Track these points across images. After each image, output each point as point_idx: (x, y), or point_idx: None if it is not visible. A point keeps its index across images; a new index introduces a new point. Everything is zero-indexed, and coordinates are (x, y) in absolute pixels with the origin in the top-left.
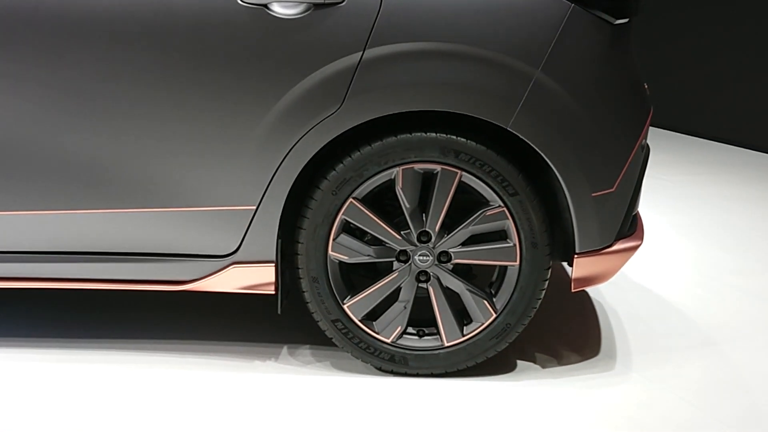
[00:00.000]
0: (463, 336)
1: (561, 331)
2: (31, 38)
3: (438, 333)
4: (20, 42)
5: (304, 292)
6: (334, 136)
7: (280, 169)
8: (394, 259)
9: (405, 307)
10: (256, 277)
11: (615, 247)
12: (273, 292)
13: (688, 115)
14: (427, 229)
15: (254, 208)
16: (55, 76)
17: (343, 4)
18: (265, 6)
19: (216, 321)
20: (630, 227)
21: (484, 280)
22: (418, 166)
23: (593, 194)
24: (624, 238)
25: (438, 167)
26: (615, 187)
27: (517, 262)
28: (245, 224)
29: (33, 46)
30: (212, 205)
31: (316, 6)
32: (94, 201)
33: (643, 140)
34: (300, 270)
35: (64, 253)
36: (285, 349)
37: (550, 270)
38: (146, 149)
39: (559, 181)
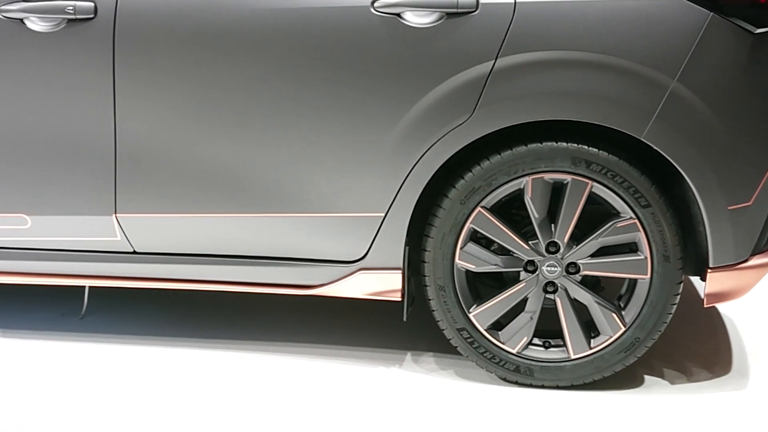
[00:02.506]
0: (591, 349)
1: (690, 346)
2: (171, 49)
3: (564, 345)
4: (162, 53)
5: (430, 299)
6: (463, 145)
7: (409, 177)
8: (521, 269)
9: (531, 318)
10: (382, 283)
11: (750, 263)
12: (399, 299)
13: None
14: (555, 240)
15: (383, 215)
16: (194, 85)
17: (476, 12)
18: (398, 15)
19: (342, 326)
20: (766, 242)
21: (612, 293)
22: (548, 176)
23: (729, 207)
24: (760, 253)
25: (568, 177)
26: (752, 200)
27: (648, 276)
28: (374, 231)
29: (173, 57)
30: (342, 211)
31: (449, 15)
32: (229, 205)
33: None
34: (426, 278)
35: (200, 256)
36: (409, 356)
37: (681, 284)
38: (279, 156)
39: (693, 193)
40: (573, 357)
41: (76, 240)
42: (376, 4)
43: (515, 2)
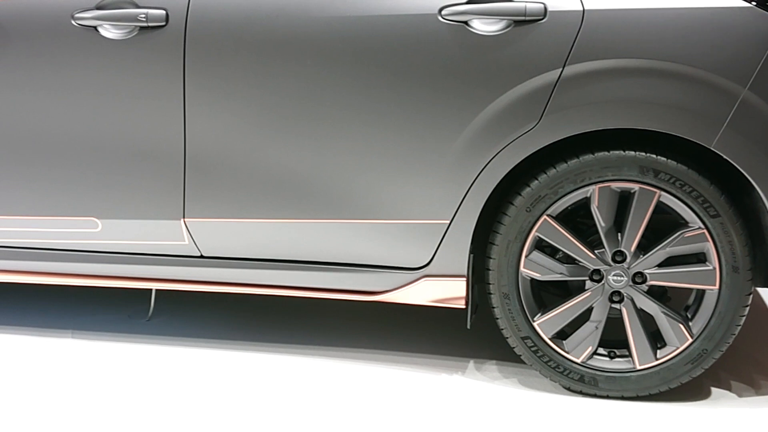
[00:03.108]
0: (657, 360)
1: (759, 359)
2: (240, 56)
3: (630, 355)
4: (231, 60)
5: (494, 307)
6: (529, 153)
7: (474, 184)
8: (587, 278)
9: (597, 327)
10: (446, 290)
11: None
12: (463, 306)
13: None
14: (622, 249)
15: (448, 222)
16: (262, 92)
17: (544, 20)
18: (466, 23)
19: (405, 333)
20: None
21: (679, 303)
22: (615, 185)
23: None
24: None
25: (636, 186)
26: None
27: (717, 287)
28: (438, 238)
29: (242, 63)
30: (407, 218)
31: (517, 23)
32: (295, 211)
33: None
34: (491, 285)
35: (265, 261)
36: (471, 364)
37: (751, 296)
38: (345, 163)
39: (764, 203)
40: (639, 367)
41: (144, 244)
42: (443, 12)
43: (584, 10)
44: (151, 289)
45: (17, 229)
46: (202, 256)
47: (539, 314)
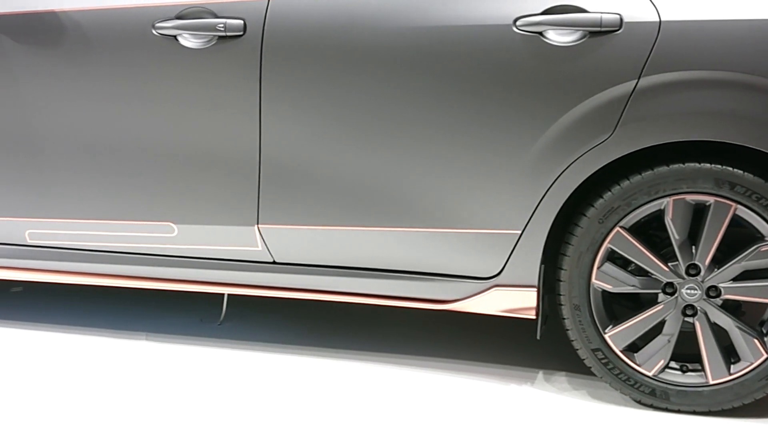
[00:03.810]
0: (730, 375)
1: None
2: (316, 66)
3: (702, 369)
4: (307, 70)
5: (564, 319)
6: (603, 164)
7: (547, 194)
8: (659, 290)
9: (669, 341)
10: (517, 300)
11: None
12: (533, 317)
13: None
14: (696, 262)
15: (519, 232)
16: (336, 101)
17: (620, 31)
18: (540, 34)
19: (474, 342)
20: None
21: (754, 318)
22: (689, 198)
23: None
24: None
25: (711, 199)
26: None
27: None
28: (509, 248)
29: (318, 73)
30: (478, 227)
31: (592, 34)
32: (367, 219)
33: None
34: (562, 297)
35: (337, 268)
36: (541, 375)
37: None
38: (417, 171)
39: None
40: (711, 382)
41: (218, 249)
42: (518, 23)
43: (660, 21)
44: (223, 294)
45: (97, 233)
46: (274, 262)
47: (610, 326)
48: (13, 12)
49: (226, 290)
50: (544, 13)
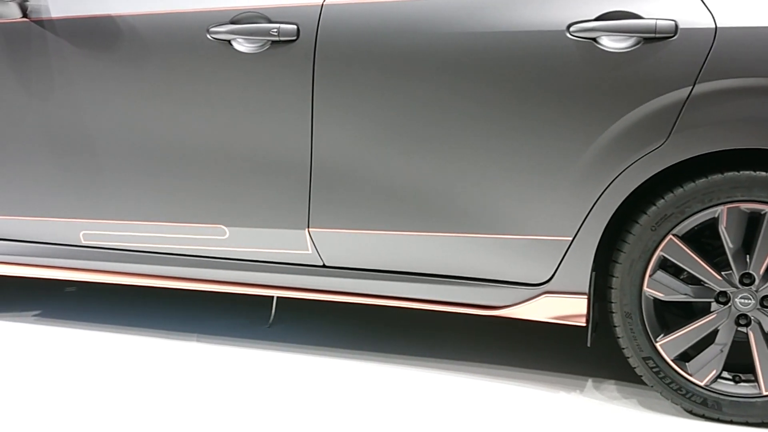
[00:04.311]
0: None
1: None
2: (368, 71)
3: (756, 380)
4: (359, 74)
5: (615, 326)
6: (656, 172)
7: (598, 201)
8: (712, 299)
9: (722, 351)
10: (567, 307)
11: None
12: (583, 324)
13: None
14: (750, 272)
15: (570, 239)
16: (389, 106)
17: (675, 38)
18: (594, 40)
19: (522, 349)
20: None
21: None
22: (744, 206)
23: None
24: None
25: (766, 208)
26: None
27: None
28: (560, 254)
29: (370, 78)
30: (528, 233)
31: (647, 40)
32: (418, 224)
33: None
34: (613, 304)
35: (387, 272)
36: (590, 383)
37: None
38: (469, 177)
39: None
40: (765, 393)
41: (268, 252)
42: (572, 29)
43: (716, 28)
44: (272, 297)
45: (149, 235)
46: (324, 266)
47: (662, 335)
48: (71, 16)
49: (276, 293)
50: (598, 19)
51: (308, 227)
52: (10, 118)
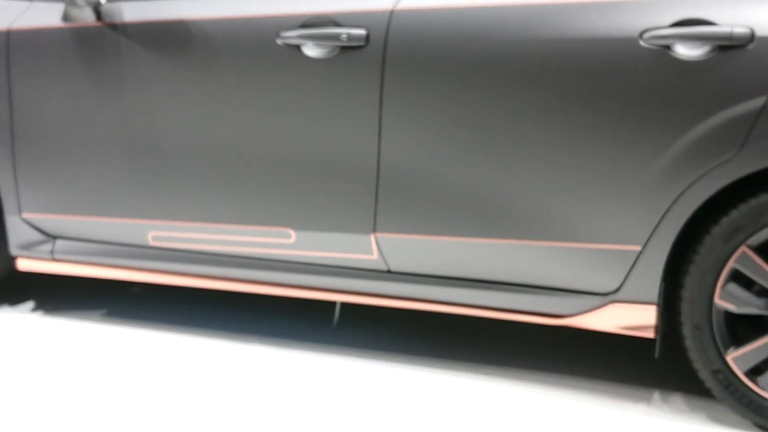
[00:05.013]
0: None
1: None
2: (437, 77)
3: None
4: (427, 80)
5: (684, 338)
6: (729, 182)
7: (670, 211)
8: None
9: None
10: (635, 318)
11: None
12: (651, 335)
13: None
14: None
15: (640, 248)
16: (457, 112)
17: (751, 46)
18: (668, 47)
19: (588, 359)
20: None
21: None
22: None
23: None
24: None
25: None
26: None
27: None
28: (629, 264)
29: (439, 84)
30: (597, 242)
31: (722, 48)
32: (485, 230)
33: None
34: (683, 316)
35: (452, 279)
36: (657, 395)
37: None
38: (537, 184)
39: None
40: None
41: (334, 256)
42: (645, 36)
43: None
44: (336, 301)
45: (217, 237)
46: (389, 271)
47: (733, 348)
48: (144, 20)
49: (340, 298)
50: (673, 26)
51: (374, 232)
52: (83, 120)
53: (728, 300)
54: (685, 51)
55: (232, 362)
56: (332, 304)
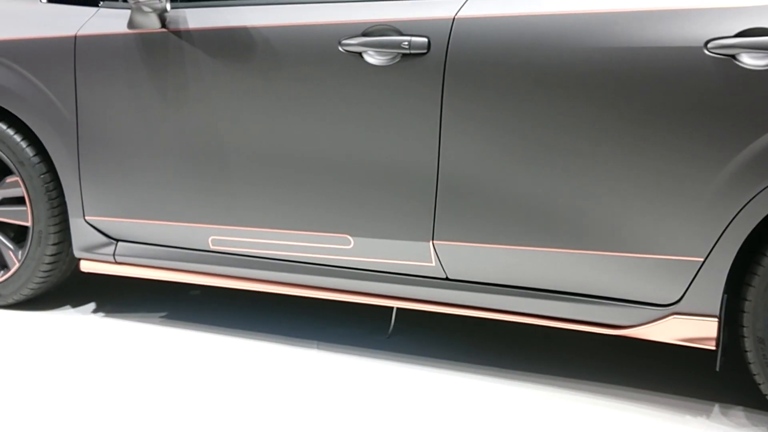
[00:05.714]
0: None
1: None
2: (498, 85)
3: None
4: (489, 88)
5: (747, 351)
6: None
7: (733, 222)
8: None
9: None
10: (696, 330)
11: None
12: (713, 348)
13: None
14: None
15: (701, 260)
16: (518, 120)
17: None
18: (733, 57)
19: (647, 370)
20: None
21: None
22: None
23: None
24: None
25: None
26: None
27: None
28: (690, 275)
29: (500, 92)
30: (657, 253)
31: None
32: (544, 239)
33: None
34: (745, 329)
35: (510, 287)
36: (717, 408)
37: None
38: (597, 194)
39: None
40: None
41: (392, 263)
42: (709, 45)
43: None
44: (392, 307)
45: (276, 242)
46: (447, 279)
47: None
48: (208, 27)
49: (398, 304)
50: (738, 35)
51: (433, 239)
52: (146, 125)
53: None
54: (751, 61)
55: (289, 366)
56: (389, 310)
